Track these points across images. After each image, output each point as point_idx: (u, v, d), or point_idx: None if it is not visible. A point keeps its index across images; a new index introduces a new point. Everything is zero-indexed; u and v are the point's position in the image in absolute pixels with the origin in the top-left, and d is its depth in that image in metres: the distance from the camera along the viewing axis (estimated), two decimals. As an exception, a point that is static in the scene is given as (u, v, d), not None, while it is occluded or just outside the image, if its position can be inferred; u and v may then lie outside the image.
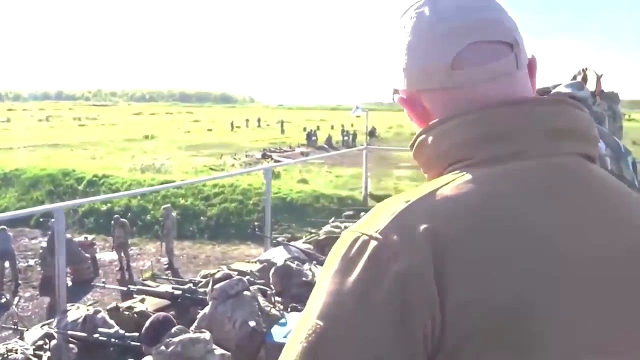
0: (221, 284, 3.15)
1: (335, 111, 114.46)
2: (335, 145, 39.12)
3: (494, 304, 0.61)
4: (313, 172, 24.74)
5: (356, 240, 0.66)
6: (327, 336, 0.62)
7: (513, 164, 0.69)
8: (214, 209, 18.02)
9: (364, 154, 7.20)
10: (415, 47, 0.77)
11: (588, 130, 0.75)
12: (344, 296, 0.63)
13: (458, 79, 0.74)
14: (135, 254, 15.22)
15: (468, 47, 0.73)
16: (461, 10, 0.75)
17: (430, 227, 0.63)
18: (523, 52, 0.77)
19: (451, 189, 0.67)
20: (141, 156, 29.60)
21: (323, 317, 0.63)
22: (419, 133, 0.78)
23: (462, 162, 0.71)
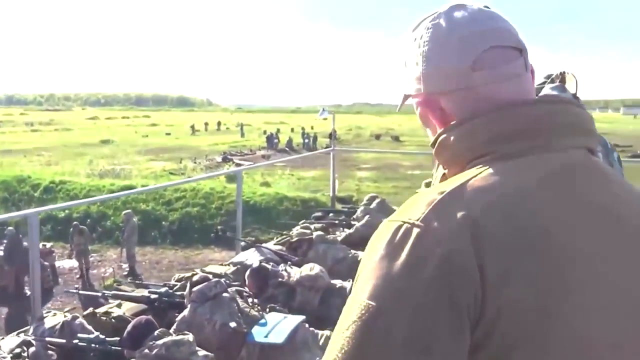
0: (199, 287, 3.17)
1: (295, 114, 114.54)
2: (296, 148, 39.18)
3: (525, 280, 0.69)
4: (275, 175, 24.73)
5: (399, 228, 0.73)
6: (380, 313, 0.69)
7: (531, 157, 0.78)
8: (175, 214, 17.84)
9: (331, 155, 7.26)
10: (434, 53, 0.85)
11: (590, 125, 0.84)
12: (393, 277, 0.70)
13: (478, 80, 0.82)
14: (95, 260, 14.94)
15: (485, 52, 0.83)
16: (474, 20, 0.84)
17: (467, 214, 0.71)
18: (528, 56, 0.86)
19: (480, 181, 0.75)
20: (99, 161, 29.00)
21: (374, 297, 0.70)
22: (440, 132, 0.86)
23: (484, 157, 0.80)
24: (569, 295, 0.71)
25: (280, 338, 2.94)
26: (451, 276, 0.68)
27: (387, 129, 56.17)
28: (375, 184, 24.17)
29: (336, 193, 7.89)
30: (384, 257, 0.72)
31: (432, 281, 0.68)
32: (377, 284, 0.70)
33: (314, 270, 3.83)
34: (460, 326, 0.68)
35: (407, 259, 0.70)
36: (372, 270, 0.72)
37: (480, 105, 0.82)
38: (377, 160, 30.24)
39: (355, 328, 0.70)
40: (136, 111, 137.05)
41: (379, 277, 0.71)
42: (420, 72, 0.87)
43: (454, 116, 0.85)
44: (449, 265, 0.68)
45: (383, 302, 0.69)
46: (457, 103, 0.85)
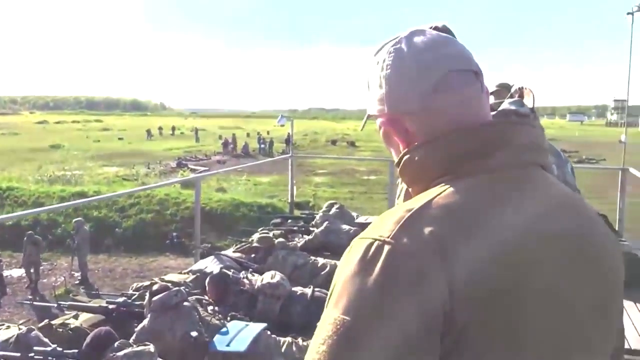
0: (160, 296, 3.13)
1: (251, 119, 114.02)
2: (252, 154, 39.00)
3: (489, 289, 0.74)
4: (231, 181, 24.55)
5: (371, 245, 0.76)
6: (355, 328, 0.72)
7: (490, 175, 0.83)
8: (129, 221, 17.47)
9: (290, 162, 7.28)
10: (397, 76, 0.90)
11: (543, 143, 0.91)
12: (367, 292, 0.73)
13: (439, 102, 0.88)
14: (46, 269, 14.49)
15: (445, 75, 0.88)
16: (434, 45, 0.90)
17: (434, 230, 0.75)
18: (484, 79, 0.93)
19: (444, 198, 0.80)
20: (48, 167, 28.20)
21: (349, 312, 0.73)
22: (404, 153, 0.91)
23: (447, 176, 0.84)
24: (532, 313, 0.76)
25: (242, 346, 2.94)
26: (422, 290, 0.72)
27: (343, 135, 56.52)
28: (331, 189, 24.27)
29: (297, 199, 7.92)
30: (357, 273, 0.75)
31: (404, 295, 0.72)
32: (351, 299, 0.73)
33: (275, 278, 3.84)
34: (431, 337, 0.72)
35: (380, 274, 0.73)
36: (346, 286, 0.75)
37: (442, 126, 0.87)
38: (333, 165, 30.40)
39: (331, 343, 0.72)
40: (87, 115, 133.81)
41: (352, 293, 0.74)
42: (383, 94, 0.91)
43: (418, 136, 0.89)
44: (420, 279, 0.72)
45: (357, 317, 0.72)
46: (420, 123, 0.89)
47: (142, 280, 11.43)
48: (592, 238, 0.87)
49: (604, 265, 0.87)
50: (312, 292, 3.79)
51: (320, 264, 4.48)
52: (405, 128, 0.90)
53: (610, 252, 0.89)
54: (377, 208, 16.62)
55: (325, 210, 6.21)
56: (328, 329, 0.73)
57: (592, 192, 12.96)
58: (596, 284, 0.84)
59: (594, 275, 0.84)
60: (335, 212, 6.12)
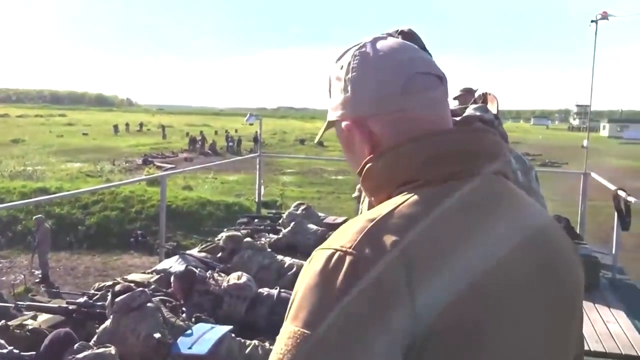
0: (123, 297, 3.07)
1: (219, 116, 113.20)
2: (220, 152, 38.72)
3: (450, 302, 0.72)
4: (198, 179, 24.32)
5: (332, 256, 0.74)
6: (314, 341, 0.69)
7: (453, 183, 0.82)
8: (93, 218, 17.15)
9: (258, 161, 7.23)
10: (363, 78, 0.89)
11: (504, 152, 0.90)
12: (328, 304, 0.70)
13: (407, 103, 0.87)
14: (5, 267, 14.13)
15: (412, 77, 0.88)
16: (399, 49, 0.91)
17: (396, 241, 0.73)
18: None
19: (407, 208, 0.78)
20: (9, 162, 27.48)
21: (308, 325, 0.70)
22: (367, 161, 0.89)
23: (409, 185, 0.83)
24: (491, 332, 0.74)
25: (204, 349, 2.89)
26: (385, 302, 0.69)
27: (311, 134, 56.53)
28: (299, 188, 24.26)
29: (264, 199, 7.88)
30: (317, 285, 0.72)
31: (366, 307, 0.69)
32: (311, 312, 0.71)
33: (242, 279, 3.80)
34: (393, 351, 0.69)
35: (341, 286, 0.71)
36: (306, 298, 0.72)
37: (409, 128, 0.86)
38: (301, 165, 30.40)
39: (290, 357, 0.70)
40: (51, 110, 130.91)
41: (312, 305, 0.71)
42: (348, 96, 0.90)
43: (383, 139, 0.88)
44: (383, 291, 0.70)
45: (317, 330, 0.70)
46: (386, 126, 0.88)
47: (105, 279, 11.23)
48: (556, 257, 0.86)
49: (568, 285, 0.87)
50: (278, 293, 3.77)
51: (287, 264, 4.46)
52: (370, 131, 0.89)
53: (574, 270, 0.89)
54: (344, 208, 16.69)
55: (293, 210, 6.20)
56: (287, 343, 0.71)
57: (555, 196, 13.25)
58: (559, 308, 0.84)
59: (557, 299, 0.84)
60: (302, 212, 6.11)
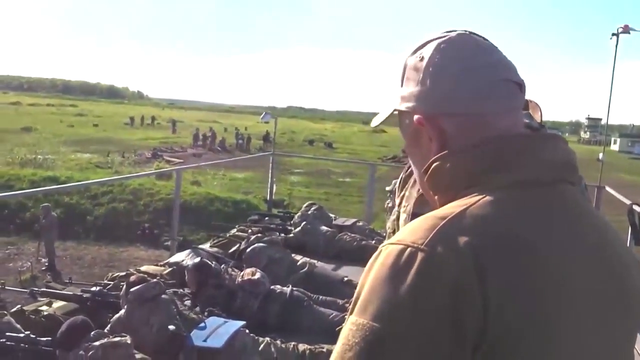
0: (138, 288, 3.09)
1: (229, 113, 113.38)
2: (229, 149, 38.77)
3: (522, 304, 0.72)
4: (206, 175, 24.35)
5: (403, 252, 0.74)
6: (384, 336, 0.70)
7: (525, 188, 0.81)
8: (101, 209, 17.20)
9: (271, 159, 7.25)
10: (446, 75, 0.87)
11: (574, 161, 0.89)
12: (398, 300, 0.71)
13: (487, 109, 0.86)
14: (12, 254, 14.20)
15: (497, 83, 0.86)
16: (485, 51, 0.89)
17: (470, 241, 0.73)
18: None
19: (479, 209, 0.78)
20: (20, 149, 27.63)
21: (378, 319, 0.71)
22: (436, 159, 0.87)
23: (478, 187, 0.82)
24: (562, 335, 0.75)
25: (219, 342, 2.91)
26: (456, 302, 0.70)
27: (320, 135, 56.57)
28: (307, 189, 24.26)
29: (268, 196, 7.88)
30: (387, 280, 0.73)
31: (438, 306, 0.70)
32: (381, 306, 0.71)
33: (256, 275, 3.82)
34: (463, 351, 0.70)
35: (413, 282, 0.71)
36: (375, 292, 0.73)
37: (483, 133, 0.85)
38: (309, 165, 30.38)
39: (358, 350, 0.71)
40: (62, 99, 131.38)
41: (383, 300, 0.72)
42: (425, 90, 0.88)
43: (454, 139, 0.87)
44: (455, 291, 0.70)
45: (387, 325, 0.70)
46: (460, 127, 0.86)
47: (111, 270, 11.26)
48: (622, 267, 0.86)
49: (631, 296, 0.86)
50: (291, 291, 3.78)
51: (300, 262, 4.47)
52: (442, 129, 0.87)
53: (635, 280, 0.88)
54: (350, 211, 16.66)
55: (304, 210, 6.21)
56: (355, 335, 0.72)
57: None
58: (622, 317, 0.84)
59: (622, 308, 0.84)
60: (314, 213, 6.12)
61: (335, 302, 3.89)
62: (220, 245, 5.09)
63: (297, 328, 3.57)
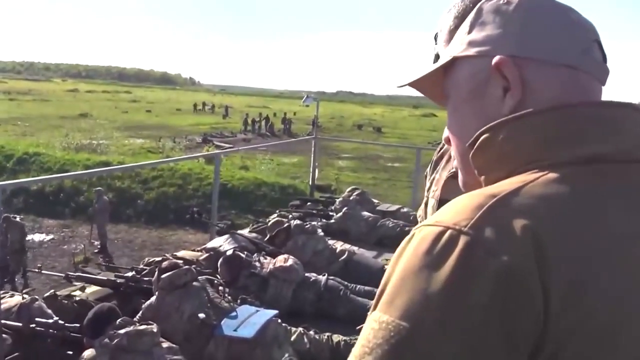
0: (169, 274, 3.03)
1: (279, 99, 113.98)
2: (277, 134, 38.97)
3: (594, 307, 0.57)
4: (255, 159, 24.52)
5: (441, 235, 0.59)
6: (414, 338, 0.56)
7: (596, 165, 0.65)
8: (151, 193, 17.54)
9: (313, 143, 7.13)
10: (537, 21, 0.71)
11: None
12: (433, 294, 0.57)
13: (586, 65, 0.70)
14: (67, 236, 14.66)
15: (592, 43, 0.72)
16: (571, 8, 0.74)
17: (527, 224, 0.58)
18: None
19: (538, 187, 0.62)
20: (76, 135, 28.47)
21: (407, 317, 0.57)
22: (483, 131, 0.70)
23: (539, 162, 0.66)
24: (626, 333, 0.59)
25: (250, 332, 2.82)
26: (508, 297, 0.56)
27: (369, 120, 56.15)
28: (354, 174, 24.10)
29: (315, 181, 7.78)
30: (421, 269, 0.58)
31: (484, 302, 0.55)
32: (411, 301, 0.57)
33: (288, 262, 3.72)
34: (516, 358, 0.56)
35: (453, 272, 0.57)
36: (405, 283, 0.59)
37: (570, 93, 0.69)
38: (358, 150, 30.19)
39: (380, 353, 0.57)
40: (118, 86, 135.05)
41: (413, 293, 0.58)
42: (511, 32, 0.71)
43: (537, 93, 0.69)
44: (507, 283, 0.56)
45: (418, 324, 0.56)
46: (549, 79, 0.69)
47: (160, 253, 11.45)
48: None
49: None
50: (326, 280, 3.67)
51: (339, 250, 4.35)
52: (524, 78, 0.70)
53: None
54: (399, 196, 16.43)
55: (346, 195, 6.08)
56: (377, 335, 0.58)
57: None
58: None
59: None
60: (356, 198, 5.99)
61: (373, 291, 3.75)
62: (260, 231, 5.02)
63: (333, 318, 3.46)
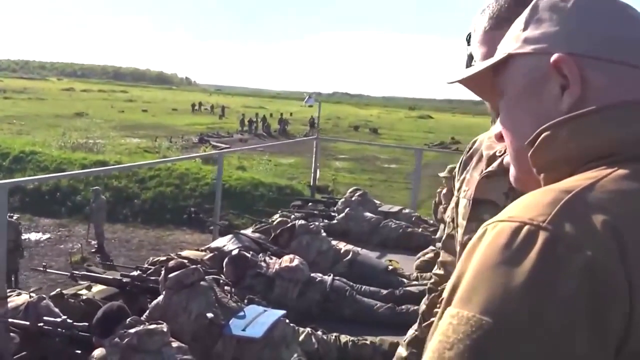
0: (176, 273, 3.02)
1: (275, 99, 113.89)
2: (274, 134, 38.94)
3: None
4: (251, 160, 24.49)
5: (518, 230, 0.59)
6: (498, 332, 0.56)
7: None
8: (148, 192, 17.49)
9: (315, 144, 7.13)
10: (599, 15, 0.71)
11: None
12: (515, 289, 0.56)
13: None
14: (64, 235, 14.60)
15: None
16: (627, 5, 0.73)
17: (608, 219, 0.57)
18: None
19: (611, 183, 0.61)
20: (72, 134, 28.36)
21: (489, 312, 0.56)
22: (544, 129, 0.69)
23: (605, 159, 0.65)
24: None
25: (259, 332, 2.81)
26: (594, 293, 0.55)
27: (365, 121, 56.15)
28: (351, 175, 24.09)
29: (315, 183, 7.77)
30: (499, 264, 0.58)
31: (569, 297, 0.55)
32: (493, 296, 0.57)
33: (294, 262, 3.72)
34: (604, 353, 0.55)
35: (535, 268, 0.56)
36: (483, 279, 0.58)
37: (633, 87, 0.67)
38: (354, 151, 30.20)
39: (462, 348, 0.56)
40: (113, 85, 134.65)
41: (493, 289, 0.57)
42: (569, 30, 0.70)
43: (598, 92, 0.68)
44: (592, 279, 0.55)
45: (501, 319, 0.56)
46: (610, 78, 0.68)
47: (158, 253, 11.38)
48: None
49: None
50: (332, 280, 3.66)
51: (343, 251, 4.35)
52: (583, 76, 0.68)
53: None
54: (395, 197, 16.43)
55: (348, 196, 6.08)
56: (458, 330, 0.57)
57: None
58: None
59: None
60: (357, 199, 5.99)
61: (379, 292, 3.76)
62: (263, 231, 5.01)
63: (339, 318, 3.46)
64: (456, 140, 37.34)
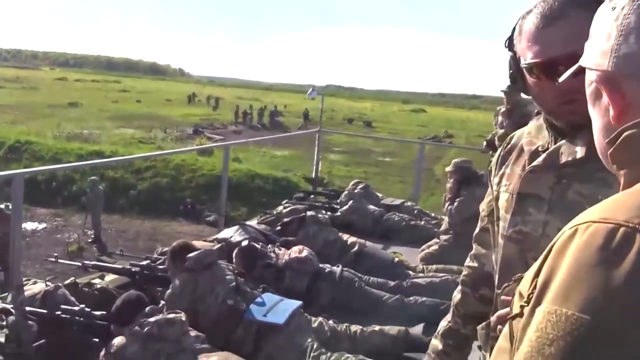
0: (196, 253, 3.05)
1: (268, 91, 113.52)
2: (268, 126, 38.83)
3: None
4: (247, 152, 24.46)
5: (614, 232, 0.61)
6: (598, 331, 0.58)
7: None
8: (144, 183, 17.48)
9: (317, 136, 7.15)
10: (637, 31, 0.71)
11: None
12: (615, 289, 0.58)
13: None
14: (60, 225, 14.56)
15: None
16: None
17: None
18: None
19: None
20: (67, 124, 28.22)
21: (589, 310, 0.58)
22: (627, 127, 0.71)
23: None
24: None
25: (281, 319, 2.86)
26: None
27: (359, 114, 56.08)
28: (346, 167, 24.11)
29: (308, 174, 7.80)
30: (597, 265, 0.60)
31: None
32: (592, 296, 0.59)
33: (303, 253, 3.75)
34: None
35: (634, 270, 0.58)
36: (580, 278, 0.60)
37: None
38: (349, 144, 30.18)
39: (563, 345, 0.59)
40: (107, 75, 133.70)
41: (592, 288, 0.59)
42: (611, 46, 0.72)
43: (635, 106, 0.71)
44: None
45: (601, 319, 0.58)
46: None
47: (155, 243, 11.33)
48: None
49: None
50: (341, 271, 3.71)
51: (350, 242, 4.39)
52: (622, 93, 0.72)
53: None
54: (390, 190, 16.45)
55: (351, 189, 6.12)
56: (557, 327, 0.59)
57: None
58: None
59: None
60: (360, 191, 6.03)
61: (386, 283, 3.80)
62: (268, 222, 5.05)
63: (348, 309, 3.50)
64: (449, 134, 37.43)
